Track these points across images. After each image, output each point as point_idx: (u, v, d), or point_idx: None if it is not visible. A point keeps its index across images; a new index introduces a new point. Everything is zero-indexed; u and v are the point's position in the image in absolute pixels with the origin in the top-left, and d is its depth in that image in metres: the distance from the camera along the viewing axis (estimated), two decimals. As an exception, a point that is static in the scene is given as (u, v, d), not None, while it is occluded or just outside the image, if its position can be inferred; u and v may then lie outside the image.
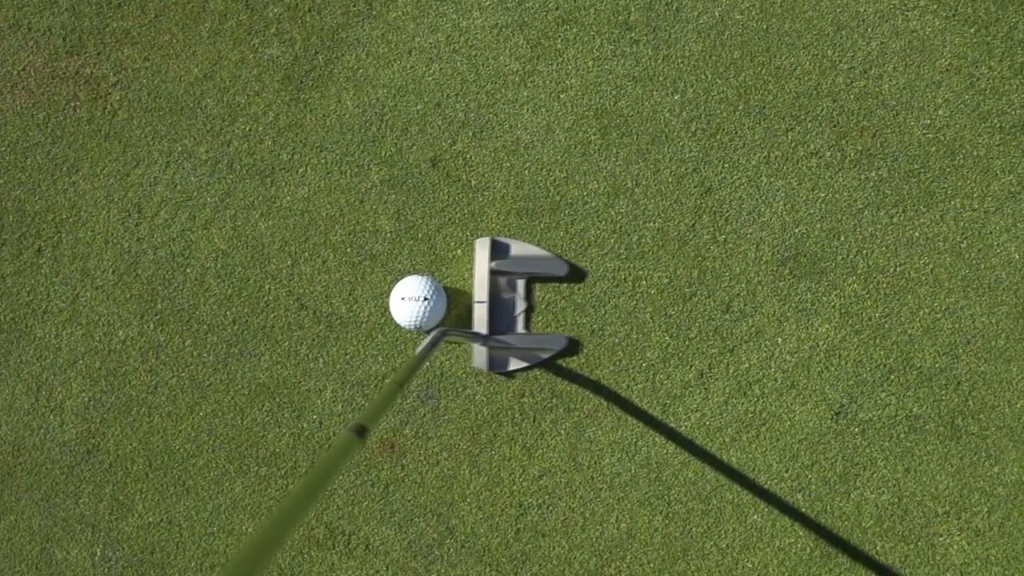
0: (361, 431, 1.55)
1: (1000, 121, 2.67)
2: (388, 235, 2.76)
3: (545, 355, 2.67)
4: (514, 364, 2.68)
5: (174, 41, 2.81)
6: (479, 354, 2.67)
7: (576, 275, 2.71)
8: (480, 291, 2.68)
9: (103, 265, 2.79)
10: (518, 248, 2.69)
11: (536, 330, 2.71)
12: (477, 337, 2.64)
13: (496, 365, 2.69)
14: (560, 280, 2.71)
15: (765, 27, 2.73)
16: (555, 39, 2.76)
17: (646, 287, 2.72)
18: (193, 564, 2.75)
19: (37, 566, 2.77)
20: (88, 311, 2.79)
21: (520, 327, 2.70)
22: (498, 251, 2.69)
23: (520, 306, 2.69)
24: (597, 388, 2.71)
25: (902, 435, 2.66)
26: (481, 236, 2.71)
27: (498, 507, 2.71)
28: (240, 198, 2.78)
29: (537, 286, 2.73)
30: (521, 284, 2.69)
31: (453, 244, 2.75)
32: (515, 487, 2.71)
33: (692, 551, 2.68)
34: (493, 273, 2.68)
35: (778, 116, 2.72)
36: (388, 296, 2.69)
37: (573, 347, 2.71)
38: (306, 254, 2.77)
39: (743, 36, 2.73)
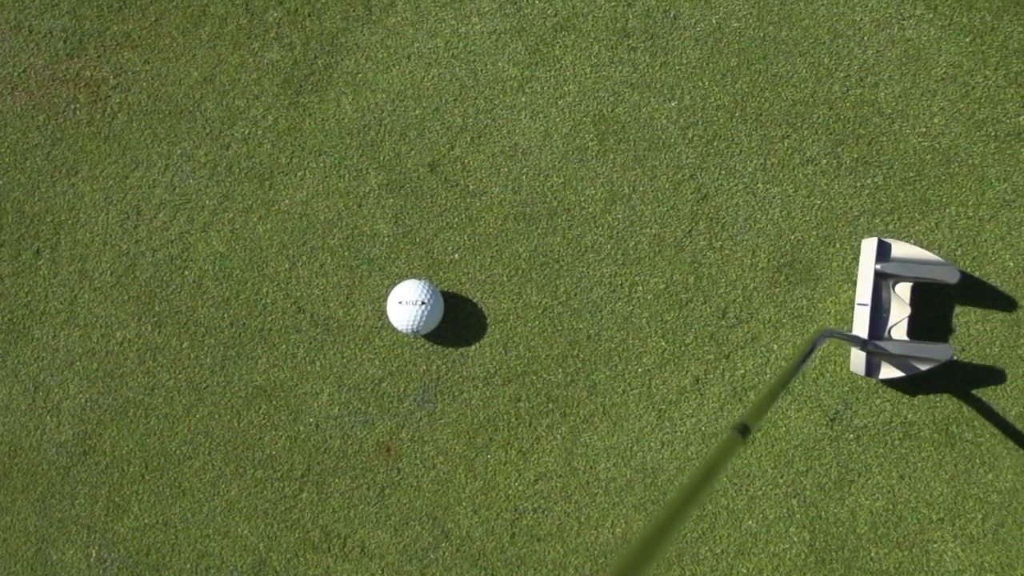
0: (744, 430, 1.60)
1: (995, 129, 2.69)
2: (386, 239, 2.77)
3: (924, 366, 2.53)
4: (889, 372, 2.56)
5: (174, 44, 2.82)
6: (858, 359, 2.58)
7: (972, 288, 2.60)
8: (864, 293, 2.57)
9: (101, 267, 2.80)
10: (901, 250, 2.56)
11: (917, 339, 2.58)
12: (857, 341, 2.53)
13: (876, 371, 2.57)
14: (950, 287, 2.57)
15: (762, 35, 2.75)
16: (553, 45, 2.78)
17: (642, 293, 2.73)
18: (189, 566, 2.75)
19: (32, 567, 2.77)
20: (86, 312, 2.80)
21: (902, 334, 2.56)
22: (884, 252, 2.56)
23: (902, 312, 2.55)
24: (593, 393, 2.72)
25: (897, 441, 2.67)
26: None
27: (493, 511, 2.72)
28: (239, 201, 2.79)
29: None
30: (904, 288, 2.56)
31: (451, 248, 2.76)
32: (511, 491, 2.72)
33: (687, 556, 2.68)
34: (878, 275, 2.55)
35: (774, 123, 2.73)
36: (385, 300, 2.70)
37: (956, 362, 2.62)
38: (304, 257, 2.78)
39: (740, 44, 2.75)
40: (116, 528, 2.76)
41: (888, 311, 2.57)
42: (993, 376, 2.66)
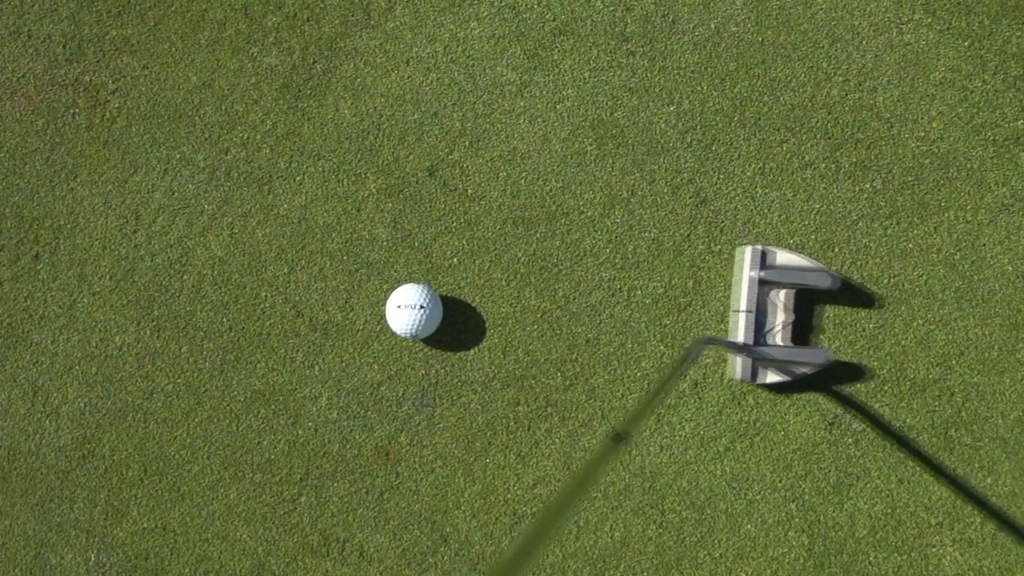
0: (620, 437, 1.60)
1: (993, 134, 2.69)
2: (385, 243, 2.77)
3: (804, 370, 2.59)
4: (772, 377, 2.61)
5: (173, 49, 2.83)
6: (738, 364, 2.61)
7: (847, 290, 2.63)
8: (743, 300, 2.59)
9: (100, 271, 2.80)
10: (783, 258, 2.60)
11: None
12: (740, 348, 2.57)
13: (758, 376, 2.61)
14: (828, 293, 2.62)
15: (760, 39, 2.75)
16: (552, 50, 2.78)
17: (641, 297, 2.73)
18: (187, 570, 2.75)
19: (31, 571, 2.77)
20: (85, 317, 2.80)
21: (781, 339, 2.61)
22: (763, 260, 2.60)
23: (782, 318, 2.60)
24: (592, 397, 2.72)
25: (896, 445, 2.67)
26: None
27: (492, 515, 2.72)
28: (237, 205, 2.79)
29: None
30: (784, 295, 2.61)
31: (449, 253, 2.76)
32: (509, 495, 2.72)
33: (686, 560, 2.68)
34: (760, 283, 2.59)
35: (773, 128, 2.73)
36: (384, 304, 2.70)
37: (838, 365, 2.64)
38: (303, 262, 2.78)
39: (739, 48, 2.75)
40: (115, 532, 2.76)
41: (768, 317, 2.62)
42: (992, 381, 2.66)
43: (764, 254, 2.60)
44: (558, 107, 2.77)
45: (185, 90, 2.82)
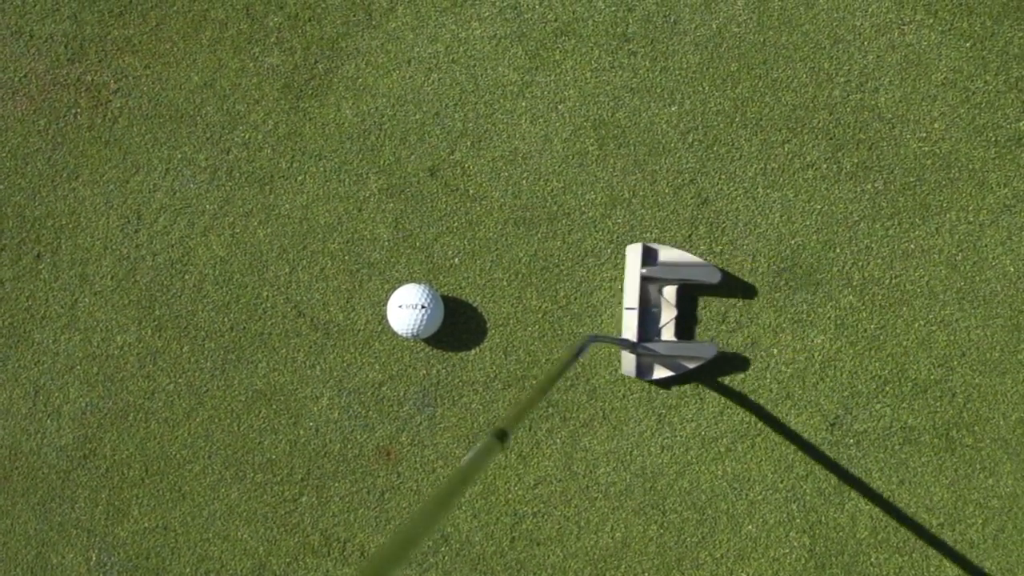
0: (502, 435, 1.58)
1: (995, 135, 2.69)
2: (386, 243, 2.77)
3: (691, 364, 2.62)
4: (660, 372, 2.64)
5: (175, 49, 2.83)
6: (628, 361, 2.64)
7: (729, 284, 2.66)
8: (631, 297, 2.64)
9: (102, 271, 2.81)
10: (666, 254, 2.65)
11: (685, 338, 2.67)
12: (628, 344, 2.60)
13: (647, 372, 2.65)
14: (713, 287, 2.65)
15: (762, 40, 2.75)
16: (553, 50, 2.78)
17: (642, 297, 2.73)
18: (188, 570, 2.75)
19: (32, 571, 2.77)
20: (86, 317, 2.80)
21: (669, 335, 2.65)
22: (649, 257, 2.65)
23: (669, 314, 2.64)
24: (593, 397, 2.72)
25: (897, 447, 2.67)
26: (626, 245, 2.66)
27: (493, 515, 2.72)
28: (239, 205, 2.80)
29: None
30: (670, 291, 2.65)
31: (451, 253, 2.76)
32: (510, 495, 2.72)
33: (686, 561, 2.68)
34: (644, 279, 2.63)
35: (774, 128, 2.73)
36: (385, 304, 2.70)
37: (724, 358, 2.67)
38: (304, 262, 2.79)
39: (740, 48, 2.75)
40: (116, 532, 2.77)
41: (656, 313, 2.66)
42: (993, 382, 2.66)
43: (650, 251, 2.65)
44: (560, 107, 2.77)
45: (187, 90, 2.82)
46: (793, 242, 2.71)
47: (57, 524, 2.77)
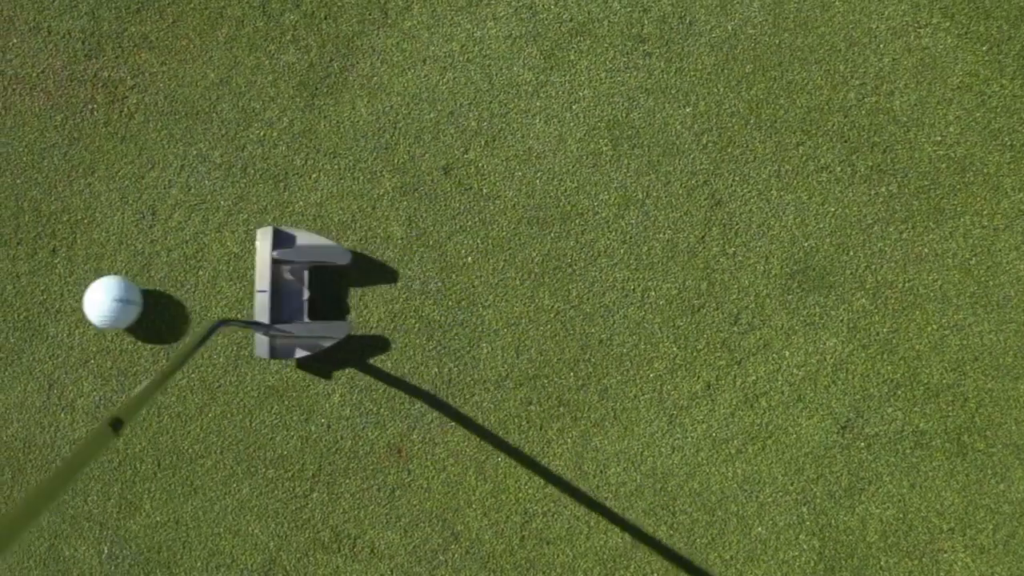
0: (117, 424, 1.52)
1: (1011, 139, 2.68)
2: (399, 241, 2.78)
3: (326, 343, 2.68)
4: (300, 352, 2.70)
5: (191, 46, 2.84)
6: (260, 343, 2.70)
7: (359, 263, 2.74)
8: (261, 280, 2.69)
9: (117, 266, 2.82)
10: (303, 238, 2.71)
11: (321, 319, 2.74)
12: (259, 326, 2.66)
13: (281, 353, 2.70)
14: (343, 269, 2.73)
15: (777, 42, 2.75)
16: (568, 50, 2.78)
17: (655, 298, 2.73)
18: (200, 564, 2.77)
19: (45, 563, 2.79)
20: (101, 311, 2.81)
21: (304, 316, 2.71)
22: (282, 240, 2.70)
23: (304, 295, 2.71)
24: (604, 397, 2.72)
25: (908, 450, 2.66)
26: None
27: (503, 514, 2.73)
28: (253, 202, 2.81)
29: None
30: (305, 273, 2.71)
31: (464, 252, 2.77)
32: (521, 494, 2.73)
33: (696, 562, 2.68)
34: (276, 262, 2.69)
35: (789, 130, 2.73)
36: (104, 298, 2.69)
37: (357, 337, 2.74)
38: (317, 259, 2.79)
39: (755, 50, 2.75)
40: (128, 525, 2.78)
41: (290, 295, 2.71)
42: (1006, 387, 2.65)
43: (280, 235, 2.70)
44: (574, 107, 2.77)
45: (202, 87, 2.83)
46: (806, 244, 2.71)
47: (70, 517, 2.79)
